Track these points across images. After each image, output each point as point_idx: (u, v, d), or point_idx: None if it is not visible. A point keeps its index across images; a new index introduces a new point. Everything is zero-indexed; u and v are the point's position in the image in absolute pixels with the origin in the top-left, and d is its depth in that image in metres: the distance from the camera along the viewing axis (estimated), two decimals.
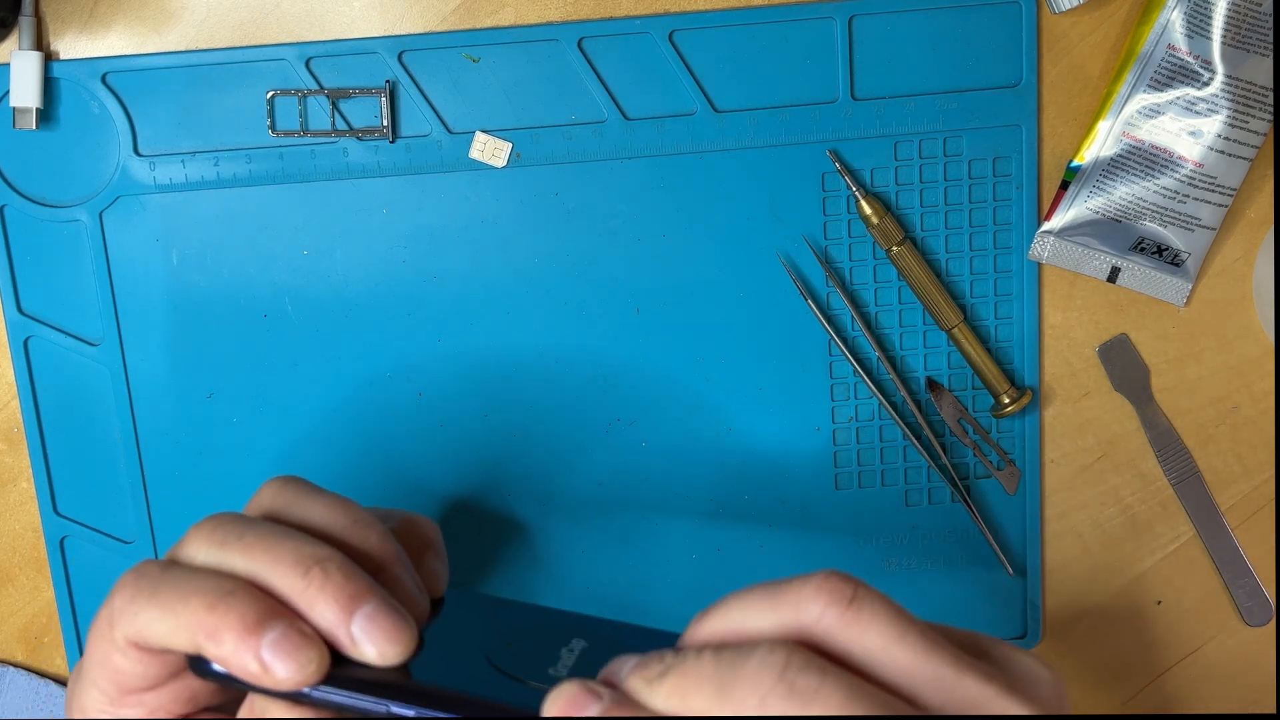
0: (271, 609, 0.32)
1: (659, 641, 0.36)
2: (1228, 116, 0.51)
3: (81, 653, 0.56)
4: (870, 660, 0.29)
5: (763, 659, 0.28)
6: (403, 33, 0.52)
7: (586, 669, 0.34)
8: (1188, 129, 0.52)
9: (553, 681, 0.31)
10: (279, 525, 0.35)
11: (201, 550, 0.34)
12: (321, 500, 0.36)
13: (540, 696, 0.31)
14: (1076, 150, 0.53)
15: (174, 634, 0.33)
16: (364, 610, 0.33)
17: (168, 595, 0.33)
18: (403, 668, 0.33)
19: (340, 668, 0.33)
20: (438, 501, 0.56)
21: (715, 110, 0.53)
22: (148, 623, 0.33)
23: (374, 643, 0.33)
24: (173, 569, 0.34)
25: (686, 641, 0.32)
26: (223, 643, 0.32)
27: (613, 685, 0.31)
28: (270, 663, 0.32)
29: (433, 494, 0.56)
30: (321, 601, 0.33)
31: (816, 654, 0.29)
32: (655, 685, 0.30)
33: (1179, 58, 0.51)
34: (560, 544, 0.57)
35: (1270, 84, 0.51)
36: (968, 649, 0.31)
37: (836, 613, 0.29)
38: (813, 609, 0.29)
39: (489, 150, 0.53)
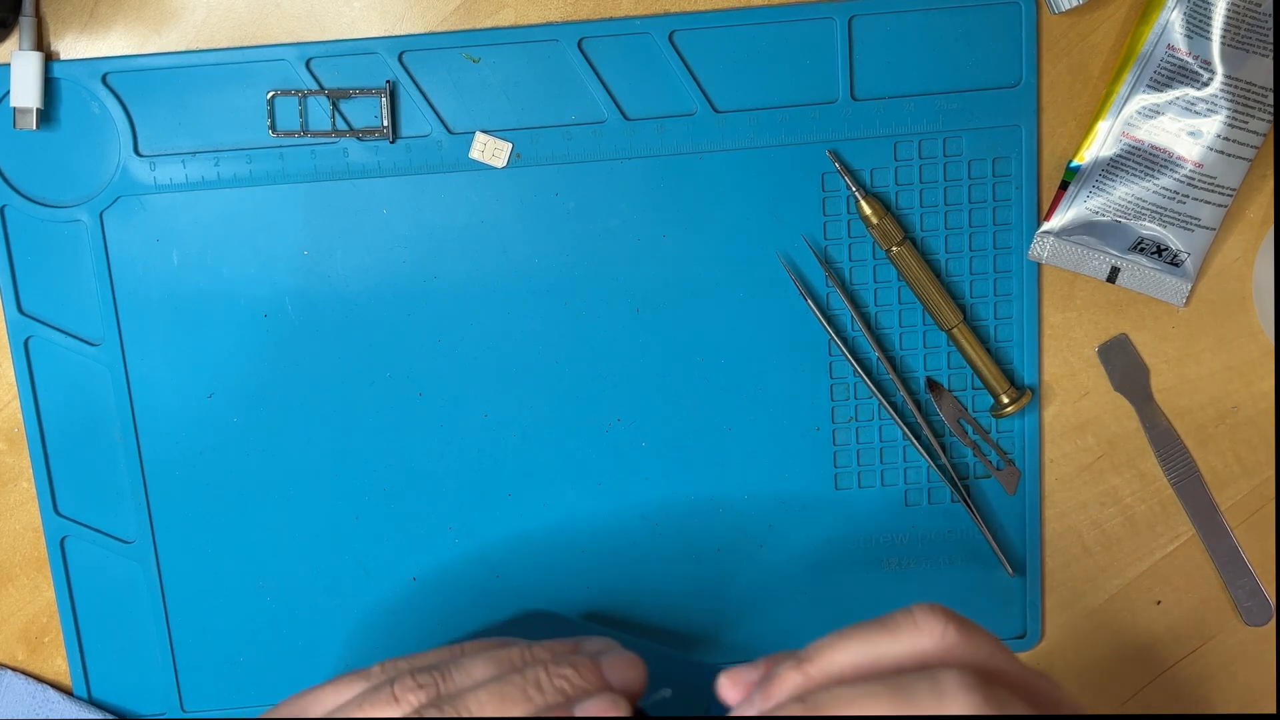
0: None
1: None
2: (1227, 117, 0.51)
3: (82, 653, 0.56)
4: (989, 669, 0.34)
5: (956, 686, 0.33)
6: (403, 33, 0.52)
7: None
8: (1187, 129, 0.52)
9: None
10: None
11: None
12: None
13: None
14: (1076, 150, 0.53)
15: None
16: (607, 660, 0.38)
17: None
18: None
19: None
20: (438, 501, 0.56)
21: (715, 110, 0.53)
22: None
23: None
24: None
25: (803, 671, 0.35)
26: None
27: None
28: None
29: (433, 493, 0.56)
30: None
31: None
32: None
33: (1179, 58, 0.51)
34: (560, 544, 0.57)
35: (1270, 84, 0.51)
36: None
37: (954, 631, 0.35)
38: (934, 630, 0.35)
39: (489, 150, 0.53)
